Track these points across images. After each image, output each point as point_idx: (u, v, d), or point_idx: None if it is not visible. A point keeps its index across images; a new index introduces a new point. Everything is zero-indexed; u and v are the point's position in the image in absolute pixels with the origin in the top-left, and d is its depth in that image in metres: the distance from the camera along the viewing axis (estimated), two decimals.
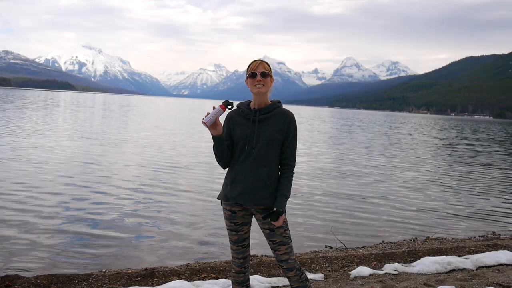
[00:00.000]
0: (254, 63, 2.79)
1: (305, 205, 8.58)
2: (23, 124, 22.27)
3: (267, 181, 2.73)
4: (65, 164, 11.55)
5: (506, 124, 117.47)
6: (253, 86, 2.76)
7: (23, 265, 4.94)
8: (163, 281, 4.34)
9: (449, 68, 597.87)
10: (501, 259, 5.27)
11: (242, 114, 2.82)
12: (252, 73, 2.76)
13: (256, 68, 2.76)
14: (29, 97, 75.36)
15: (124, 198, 8.31)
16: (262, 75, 2.75)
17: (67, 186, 8.96)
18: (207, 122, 2.67)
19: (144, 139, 19.39)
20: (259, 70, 2.76)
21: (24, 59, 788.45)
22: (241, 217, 2.84)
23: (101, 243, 5.83)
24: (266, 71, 2.76)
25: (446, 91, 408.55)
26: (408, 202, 9.50)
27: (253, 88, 2.76)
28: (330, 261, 5.19)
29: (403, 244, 6.40)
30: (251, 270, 4.63)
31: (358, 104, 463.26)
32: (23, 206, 7.23)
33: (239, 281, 2.95)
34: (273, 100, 2.85)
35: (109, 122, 29.89)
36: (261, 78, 2.75)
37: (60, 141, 16.47)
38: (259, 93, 2.76)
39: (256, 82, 2.75)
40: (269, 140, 2.72)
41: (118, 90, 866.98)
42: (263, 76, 2.75)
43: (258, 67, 2.77)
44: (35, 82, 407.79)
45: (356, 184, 11.38)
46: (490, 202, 10.09)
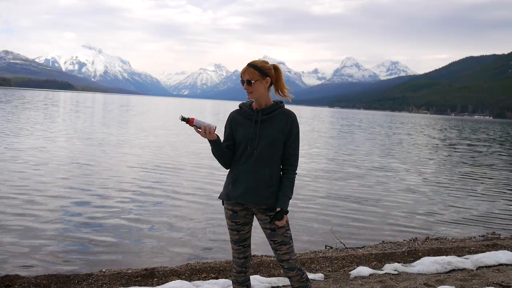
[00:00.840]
0: (242, 70, 2.79)
1: (305, 205, 8.58)
2: (18, 124, 22.26)
3: (269, 181, 2.73)
4: (64, 165, 11.55)
5: (506, 124, 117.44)
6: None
7: (23, 265, 4.94)
8: (163, 281, 4.33)
9: (449, 68, 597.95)
10: (501, 259, 5.27)
11: (244, 114, 2.83)
12: (241, 80, 2.78)
13: (242, 75, 2.77)
14: (27, 97, 75.33)
15: (124, 198, 8.30)
16: (246, 83, 2.75)
17: (66, 187, 8.95)
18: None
19: (144, 139, 19.38)
20: (245, 78, 2.76)
21: (24, 59, 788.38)
22: (242, 217, 2.84)
23: (101, 243, 5.83)
24: (250, 79, 2.73)
25: (446, 91, 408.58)
26: (408, 202, 9.50)
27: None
28: (330, 261, 5.19)
29: (403, 244, 6.40)
30: (251, 270, 4.63)
31: (358, 104, 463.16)
32: (23, 206, 7.23)
33: (240, 280, 2.95)
34: (276, 100, 2.85)
35: (109, 122, 29.88)
36: (246, 86, 2.75)
37: (58, 141, 16.47)
38: (250, 98, 2.80)
39: (246, 91, 2.77)
40: (271, 140, 2.72)
41: (118, 90, 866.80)
42: (248, 84, 2.75)
43: (244, 75, 2.76)
44: (35, 82, 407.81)
45: (356, 184, 11.38)
46: (490, 202, 10.09)
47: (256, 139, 2.74)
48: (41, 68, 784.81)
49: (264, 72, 2.76)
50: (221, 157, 2.81)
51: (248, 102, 2.87)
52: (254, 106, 2.82)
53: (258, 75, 2.74)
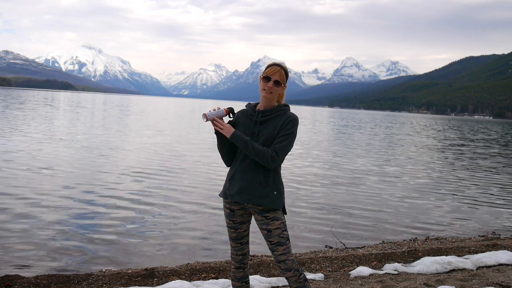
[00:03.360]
0: (272, 69, 2.78)
1: (305, 205, 8.58)
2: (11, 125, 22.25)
3: (264, 181, 2.74)
4: (64, 165, 11.55)
5: (506, 124, 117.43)
6: (263, 89, 2.79)
7: (23, 265, 4.95)
8: (163, 281, 4.33)
9: (449, 68, 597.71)
10: (501, 259, 5.27)
11: (246, 114, 2.87)
12: (266, 77, 2.77)
13: (273, 74, 2.77)
14: (23, 97, 75.28)
15: (124, 198, 8.31)
16: (275, 83, 2.76)
17: (66, 187, 8.96)
18: (207, 115, 2.72)
19: (143, 139, 19.39)
20: (274, 78, 2.76)
21: (24, 59, 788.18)
22: (239, 216, 2.88)
23: (101, 243, 5.83)
24: (280, 81, 2.76)
25: (446, 91, 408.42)
26: (408, 202, 9.50)
27: (262, 91, 2.79)
28: (330, 261, 5.19)
29: (403, 244, 6.40)
30: (251, 270, 4.63)
31: (358, 104, 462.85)
32: (23, 206, 7.23)
33: (238, 276, 2.99)
34: (280, 103, 2.85)
35: (109, 121, 29.89)
36: (272, 85, 2.76)
37: (59, 143, 16.47)
38: (265, 98, 2.80)
39: (267, 87, 2.76)
40: (267, 140, 2.74)
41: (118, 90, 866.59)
42: (275, 84, 2.76)
43: (275, 74, 2.77)
44: (35, 82, 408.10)
45: (356, 184, 11.38)
46: (491, 202, 10.09)
47: (254, 139, 2.76)
48: (41, 68, 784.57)
49: (287, 78, 2.84)
50: (226, 152, 2.85)
51: (254, 103, 2.91)
52: (259, 107, 2.86)
53: (284, 80, 2.80)
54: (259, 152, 2.67)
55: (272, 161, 2.68)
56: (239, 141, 2.71)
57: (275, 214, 2.77)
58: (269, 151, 2.68)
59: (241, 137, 2.71)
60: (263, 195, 2.74)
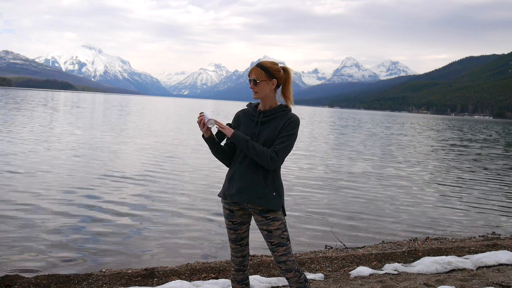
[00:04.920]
0: (250, 70, 2.80)
1: (305, 205, 8.58)
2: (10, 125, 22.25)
3: (263, 181, 2.73)
4: (64, 165, 11.55)
5: (507, 124, 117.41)
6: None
7: (23, 265, 4.95)
8: (163, 281, 4.33)
9: (449, 68, 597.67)
10: (501, 259, 5.27)
11: (247, 114, 2.86)
12: (248, 79, 2.79)
13: (250, 75, 2.78)
14: (21, 97, 75.28)
15: (124, 198, 8.31)
16: (253, 83, 2.77)
17: (66, 187, 8.96)
18: (204, 116, 2.73)
19: (143, 139, 19.38)
20: (251, 77, 2.77)
21: (24, 59, 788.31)
22: (239, 217, 2.85)
23: (101, 243, 5.83)
24: (256, 79, 2.75)
25: (446, 91, 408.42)
26: (408, 202, 9.50)
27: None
28: (330, 261, 5.18)
29: (403, 244, 6.40)
30: (251, 270, 4.63)
31: (358, 104, 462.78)
32: (23, 206, 7.23)
33: (238, 279, 2.96)
34: (282, 104, 2.84)
35: (109, 121, 29.89)
36: (252, 85, 2.77)
37: (59, 140, 16.47)
38: (255, 99, 2.81)
39: (250, 88, 2.78)
40: (267, 140, 2.72)
41: (118, 90, 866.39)
42: (254, 83, 2.76)
43: (251, 74, 2.78)
44: (35, 82, 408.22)
45: (356, 184, 11.38)
46: (491, 202, 10.09)
47: (254, 139, 2.75)
48: (41, 68, 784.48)
49: (271, 73, 2.77)
50: (221, 155, 2.84)
51: (255, 103, 2.90)
52: (260, 107, 2.85)
53: (264, 75, 2.75)
54: (259, 152, 2.66)
55: (272, 161, 2.66)
56: (240, 140, 2.70)
57: (275, 214, 2.75)
58: (269, 152, 2.67)
59: (242, 137, 2.71)
60: (262, 195, 2.72)
